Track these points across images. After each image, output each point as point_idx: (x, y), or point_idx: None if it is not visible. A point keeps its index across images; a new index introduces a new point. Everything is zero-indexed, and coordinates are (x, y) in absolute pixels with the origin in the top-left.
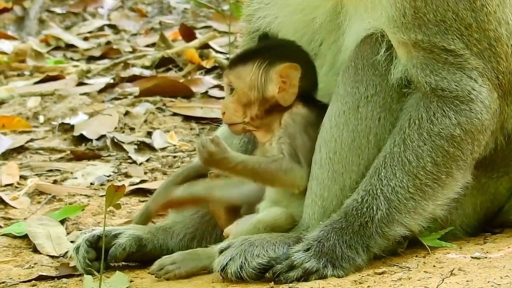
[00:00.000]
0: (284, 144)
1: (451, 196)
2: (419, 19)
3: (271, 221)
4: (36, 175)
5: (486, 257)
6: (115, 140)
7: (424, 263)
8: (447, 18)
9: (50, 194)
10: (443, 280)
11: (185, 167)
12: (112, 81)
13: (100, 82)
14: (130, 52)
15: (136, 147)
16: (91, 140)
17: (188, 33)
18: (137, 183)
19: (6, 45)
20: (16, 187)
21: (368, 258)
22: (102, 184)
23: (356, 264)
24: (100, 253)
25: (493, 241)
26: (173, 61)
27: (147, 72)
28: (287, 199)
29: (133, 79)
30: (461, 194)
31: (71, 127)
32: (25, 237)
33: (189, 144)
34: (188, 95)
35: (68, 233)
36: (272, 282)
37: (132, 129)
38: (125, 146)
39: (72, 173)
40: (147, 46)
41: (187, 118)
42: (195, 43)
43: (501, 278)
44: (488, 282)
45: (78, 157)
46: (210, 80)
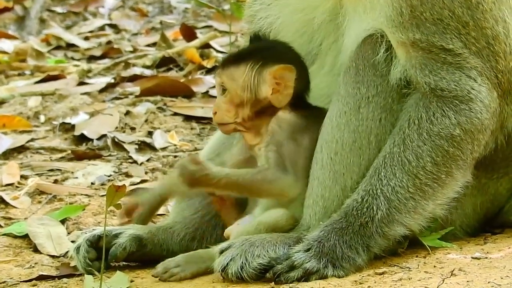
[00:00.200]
0: (270, 152)
1: (451, 196)
2: (416, 18)
3: (272, 223)
4: (37, 174)
5: (486, 258)
6: (116, 140)
7: (425, 263)
8: (444, 16)
9: (50, 194)
10: (443, 280)
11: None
12: (112, 81)
13: (101, 81)
14: (131, 52)
15: (136, 146)
16: (91, 140)
17: (188, 33)
18: (138, 183)
19: (6, 45)
20: (17, 187)
21: (368, 258)
22: (103, 184)
23: (357, 264)
24: (101, 253)
25: (493, 242)
26: (174, 61)
27: (148, 72)
28: (281, 203)
29: (133, 78)
30: (461, 194)
31: (72, 127)
32: (25, 236)
33: (189, 144)
34: (189, 94)
35: (68, 233)
36: (273, 282)
37: (132, 129)
38: (125, 146)
39: (72, 172)
40: (148, 45)
41: (187, 118)
42: (195, 42)
43: (502, 278)
44: (489, 282)
45: (78, 157)
46: (210, 80)
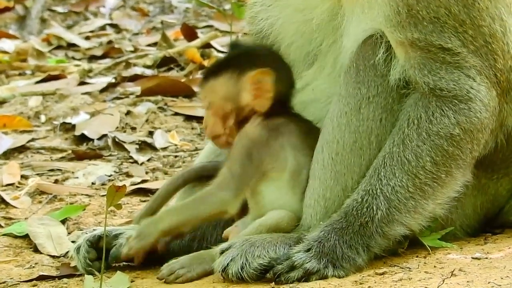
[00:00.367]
0: (223, 167)
1: (451, 195)
2: (414, 17)
3: (273, 224)
4: (37, 174)
5: (486, 258)
6: (117, 140)
7: (425, 263)
8: (440, 14)
9: (51, 194)
10: (443, 280)
11: (185, 170)
12: (113, 81)
13: (102, 81)
14: (132, 52)
15: (137, 146)
16: (92, 140)
17: (189, 33)
18: (138, 183)
19: (7, 44)
20: (17, 187)
21: (368, 258)
22: (103, 184)
23: (357, 264)
24: (101, 253)
25: (493, 242)
26: (175, 61)
27: (148, 72)
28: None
29: (134, 78)
30: (461, 194)
31: (73, 127)
32: (26, 237)
33: (190, 143)
34: (189, 94)
35: (69, 233)
36: (273, 283)
37: (133, 129)
38: (126, 146)
39: (73, 172)
40: (149, 45)
41: (188, 118)
42: (196, 42)
43: (502, 278)
44: (489, 282)
45: (79, 157)
46: None
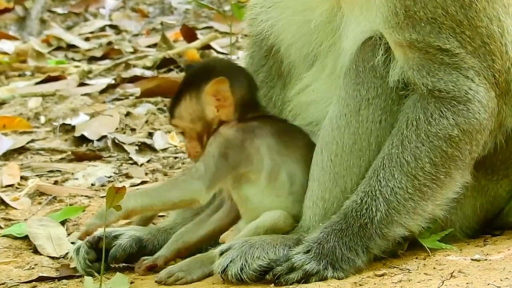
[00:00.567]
0: (198, 162)
1: (450, 196)
2: (411, 17)
3: (270, 225)
4: (37, 175)
5: (486, 259)
6: (116, 141)
7: (424, 265)
8: (437, 15)
9: (50, 195)
10: (443, 282)
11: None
12: (113, 82)
13: (101, 82)
14: (132, 53)
15: (137, 148)
16: (92, 141)
17: (189, 34)
18: (138, 184)
19: (7, 45)
20: (17, 188)
21: (368, 259)
22: (103, 185)
23: (356, 265)
24: (101, 254)
25: (493, 243)
26: (175, 62)
27: (148, 73)
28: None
29: (134, 79)
30: (460, 196)
31: (72, 128)
32: (25, 238)
33: None
34: None
35: (68, 234)
36: (273, 284)
37: (133, 130)
38: (126, 147)
39: (73, 174)
40: (149, 46)
41: None
42: (196, 43)
43: (501, 280)
44: (488, 284)
45: (79, 158)
46: None
